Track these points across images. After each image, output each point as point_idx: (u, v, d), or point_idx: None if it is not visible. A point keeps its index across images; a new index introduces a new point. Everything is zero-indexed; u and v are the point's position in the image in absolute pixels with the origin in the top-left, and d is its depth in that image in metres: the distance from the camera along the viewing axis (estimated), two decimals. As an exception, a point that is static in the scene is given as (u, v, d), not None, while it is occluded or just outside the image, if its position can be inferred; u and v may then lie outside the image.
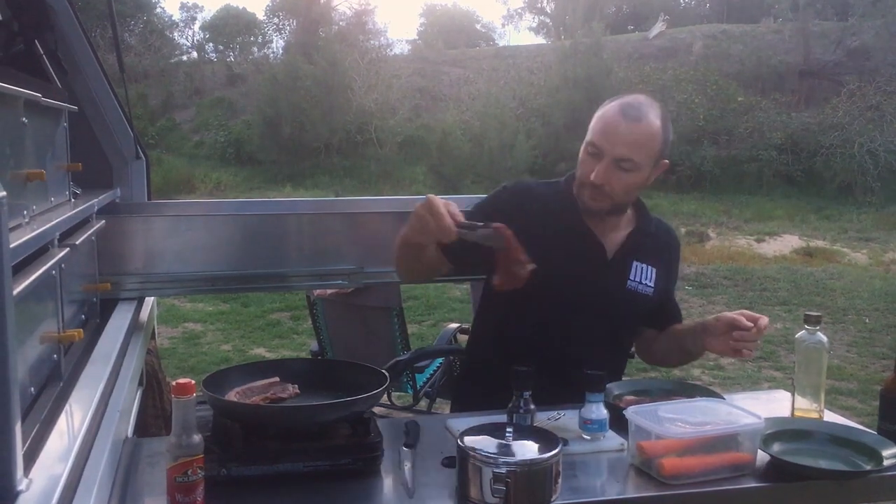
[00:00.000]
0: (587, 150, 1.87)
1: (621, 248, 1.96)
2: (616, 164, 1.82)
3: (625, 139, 1.81)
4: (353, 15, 24.17)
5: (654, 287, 1.97)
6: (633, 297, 1.95)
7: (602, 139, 1.83)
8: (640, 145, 1.83)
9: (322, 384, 1.59)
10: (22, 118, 1.47)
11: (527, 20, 35.47)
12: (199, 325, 6.78)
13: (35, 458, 1.12)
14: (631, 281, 1.95)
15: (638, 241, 1.98)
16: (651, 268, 1.98)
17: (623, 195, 1.89)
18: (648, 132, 1.84)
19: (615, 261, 1.95)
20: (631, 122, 1.82)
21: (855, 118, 15.77)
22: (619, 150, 1.82)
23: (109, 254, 2.17)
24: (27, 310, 1.32)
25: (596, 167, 1.83)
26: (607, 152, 1.82)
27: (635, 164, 1.83)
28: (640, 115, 1.83)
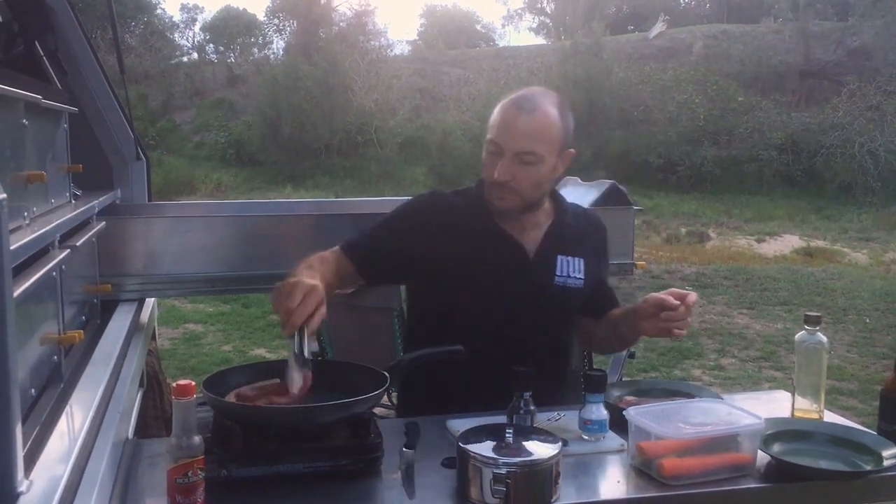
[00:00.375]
0: (488, 150, 1.84)
1: (542, 244, 1.92)
2: (518, 158, 1.79)
3: (522, 132, 1.79)
4: (354, 16, 24.17)
5: (584, 278, 1.93)
6: (563, 292, 1.91)
7: (500, 135, 1.81)
8: (538, 136, 1.80)
9: (322, 385, 1.59)
10: (22, 120, 1.47)
11: (527, 20, 35.44)
12: (200, 325, 6.79)
13: (36, 460, 1.12)
14: (559, 276, 1.91)
15: (559, 235, 1.94)
16: (578, 259, 1.94)
17: (531, 190, 1.85)
18: (546, 122, 1.81)
19: (538, 259, 1.91)
20: (527, 114, 1.79)
21: (855, 118, 15.77)
22: (519, 144, 1.79)
23: (110, 255, 2.17)
24: (28, 311, 1.33)
25: (499, 165, 1.80)
26: (507, 148, 1.79)
27: (537, 156, 1.80)
28: (535, 105, 1.81)
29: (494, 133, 1.83)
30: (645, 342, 6.25)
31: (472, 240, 1.89)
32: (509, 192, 1.83)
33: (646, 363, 5.73)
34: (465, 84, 18.89)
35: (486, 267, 1.87)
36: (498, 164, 1.80)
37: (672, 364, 5.77)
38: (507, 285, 1.88)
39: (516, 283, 1.88)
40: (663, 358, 5.89)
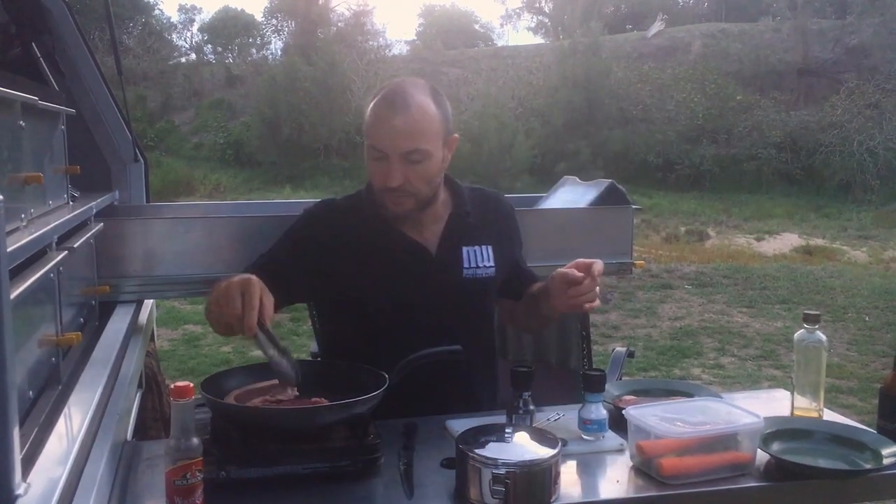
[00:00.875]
0: (371, 156, 1.75)
1: (443, 239, 1.85)
2: (405, 158, 1.71)
3: (403, 132, 1.69)
4: (352, 16, 24.17)
5: (494, 265, 1.88)
6: (473, 283, 1.85)
7: (380, 140, 1.72)
8: (420, 132, 1.71)
9: (321, 386, 1.59)
10: (19, 121, 1.47)
11: (525, 20, 35.55)
12: (199, 326, 6.78)
13: (33, 462, 1.12)
14: (466, 269, 1.85)
15: (459, 226, 1.87)
16: (485, 247, 1.88)
17: (425, 188, 1.77)
18: (424, 116, 1.72)
19: (442, 255, 1.84)
20: (402, 113, 1.69)
21: (854, 116, 15.78)
22: (403, 145, 1.70)
23: (108, 256, 2.17)
24: (25, 313, 1.32)
25: (387, 170, 1.71)
26: (391, 151, 1.70)
27: (424, 152, 1.71)
28: (408, 101, 1.71)
29: (374, 138, 1.74)
30: (644, 342, 6.26)
31: (371, 246, 1.82)
32: (403, 195, 1.75)
33: (645, 362, 5.73)
34: (463, 84, 18.89)
35: (389, 272, 1.81)
36: (386, 170, 1.72)
37: (671, 363, 5.77)
38: (415, 287, 1.81)
39: (423, 283, 1.82)
40: (663, 357, 5.90)
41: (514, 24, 38.89)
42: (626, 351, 3.38)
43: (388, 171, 1.72)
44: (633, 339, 6.35)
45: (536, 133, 15.92)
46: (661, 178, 15.88)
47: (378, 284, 1.80)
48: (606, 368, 3.33)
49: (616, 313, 7.10)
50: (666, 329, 6.67)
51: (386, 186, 1.74)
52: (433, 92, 1.79)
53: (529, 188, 11.60)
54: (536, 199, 2.87)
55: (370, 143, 1.75)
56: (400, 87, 1.76)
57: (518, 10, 33.98)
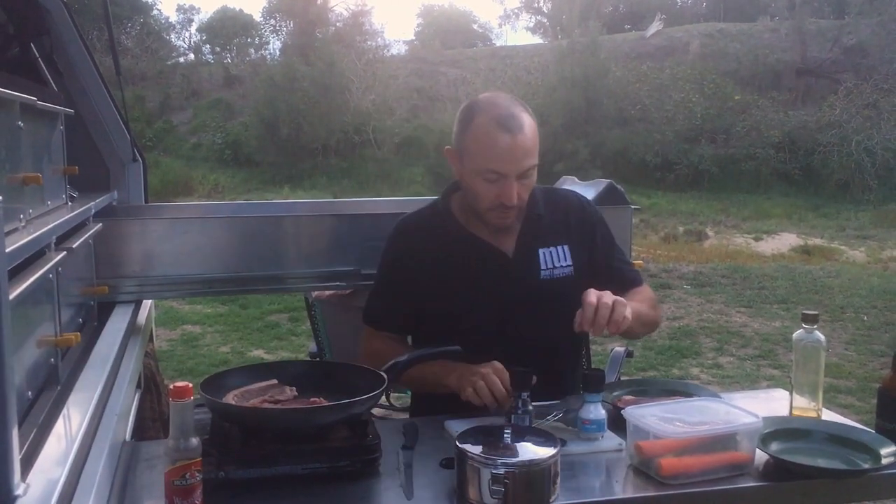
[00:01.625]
0: (485, 178, 1.78)
1: (519, 241, 1.90)
2: (521, 176, 1.78)
3: (522, 153, 1.76)
4: (350, 16, 24.15)
5: (572, 265, 1.91)
6: (551, 284, 1.89)
7: (503, 165, 1.76)
8: (531, 149, 1.79)
9: (320, 386, 1.59)
10: (18, 122, 1.47)
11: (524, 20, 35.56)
12: (198, 327, 6.78)
13: (32, 463, 1.12)
14: (544, 270, 1.89)
15: (533, 228, 1.91)
16: (561, 247, 1.91)
17: (527, 197, 1.85)
18: (533, 134, 1.79)
19: (519, 257, 1.89)
20: (519, 134, 1.76)
21: (852, 116, 15.79)
22: (522, 166, 1.77)
23: (107, 257, 2.17)
24: (24, 314, 1.32)
25: (505, 191, 1.76)
26: (512, 172, 1.76)
27: (534, 166, 1.80)
28: (521, 122, 1.77)
29: (493, 163, 1.76)
30: (643, 341, 6.25)
31: (453, 257, 1.88)
32: (513, 210, 1.82)
33: (644, 362, 5.73)
34: (462, 84, 18.88)
35: (474, 279, 1.87)
36: (502, 189, 1.77)
37: (670, 363, 5.77)
38: (494, 289, 1.86)
39: (502, 285, 1.87)
40: (661, 357, 5.90)
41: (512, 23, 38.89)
42: (624, 351, 3.38)
43: (506, 191, 1.76)
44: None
45: (535, 133, 15.90)
46: (660, 178, 15.88)
47: (462, 291, 1.86)
48: (605, 368, 3.33)
49: (615, 313, 7.09)
50: (664, 329, 6.67)
51: (503, 205, 1.79)
52: (525, 106, 1.85)
53: (528, 188, 11.59)
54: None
55: (489, 168, 1.77)
56: (508, 111, 1.79)
57: (516, 10, 34.01)
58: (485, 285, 1.87)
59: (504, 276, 1.88)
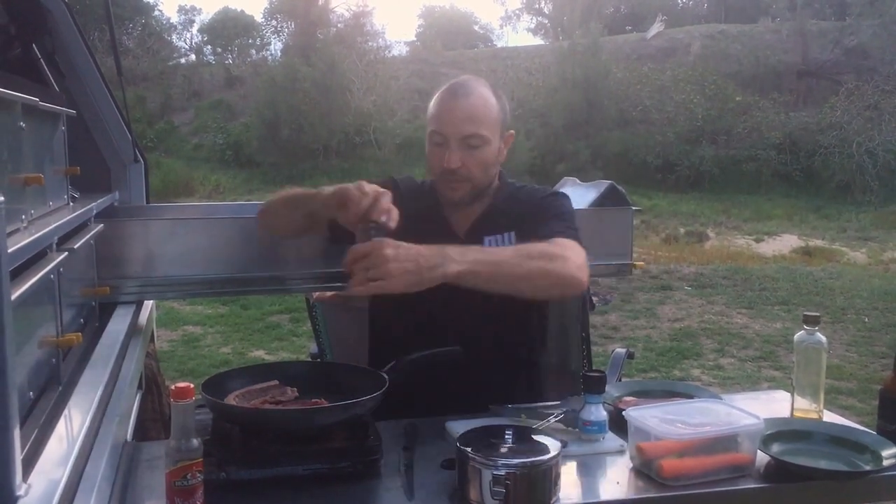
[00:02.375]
0: (432, 141, 1.85)
1: (472, 227, 1.92)
2: (464, 143, 1.80)
3: (463, 116, 1.80)
4: (352, 17, 24.17)
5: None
6: None
7: (442, 124, 1.82)
8: (480, 118, 1.81)
9: (321, 387, 1.59)
10: (20, 123, 1.47)
11: (525, 21, 35.52)
12: (199, 327, 6.78)
13: (34, 463, 1.12)
14: None
15: (488, 217, 1.92)
16: (507, 234, 1.90)
17: (481, 174, 1.85)
18: (483, 103, 1.82)
19: (468, 241, 1.83)
20: (464, 98, 1.81)
21: (853, 117, 15.79)
22: (463, 129, 1.79)
23: (108, 257, 2.16)
24: (26, 314, 1.32)
25: (447, 154, 1.80)
26: (452, 134, 1.80)
27: (483, 137, 1.81)
28: (470, 90, 1.82)
29: (436, 123, 1.83)
30: (644, 343, 6.26)
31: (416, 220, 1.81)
32: (460, 180, 1.83)
33: (645, 363, 5.74)
34: (462, 85, 18.87)
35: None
36: (446, 154, 1.80)
37: (671, 364, 5.77)
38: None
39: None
40: (663, 358, 5.90)
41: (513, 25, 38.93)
42: (625, 352, 3.38)
43: (448, 155, 1.80)
44: (632, 340, 6.35)
45: (536, 134, 15.93)
46: (661, 179, 15.89)
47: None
48: (606, 370, 3.33)
49: (616, 314, 7.11)
50: (665, 330, 6.67)
51: (444, 169, 1.82)
52: (494, 88, 1.90)
53: (529, 189, 11.59)
54: (536, 201, 2.87)
55: (432, 129, 1.85)
56: (464, 79, 1.88)
57: (517, 12, 33.98)
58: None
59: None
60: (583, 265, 1.70)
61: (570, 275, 1.66)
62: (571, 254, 1.69)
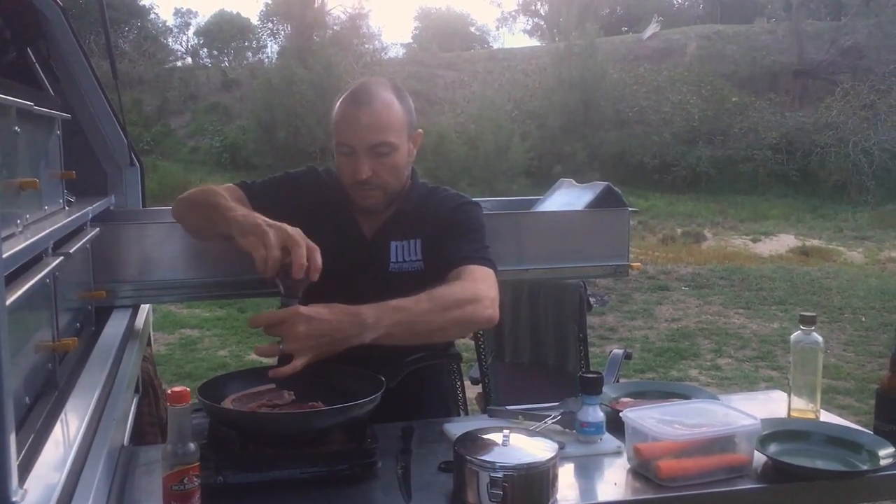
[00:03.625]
0: (340, 152, 1.81)
1: (378, 231, 1.89)
2: (372, 151, 1.77)
3: (368, 125, 1.76)
4: (348, 19, 24.15)
5: (422, 258, 1.87)
6: (399, 277, 1.85)
7: (348, 135, 1.78)
8: (385, 125, 1.77)
9: (318, 390, 1.59)
10: (15, 127, 1.46)
11: (521, 23, 35.42)
12: (196, 330, 6.78)
13: (30, 468, 1.12)
14: (393, 263, 1.86)
15: (395, 221, 1.89)
16: (414, 241, 1.88)
17: (393, 180, 1.83)
18: (387, 109, 1.79)
19: (374, 245, 1.88)
20: (366, 107, 1.77)
21: (849, 117, 15.82)
22: (370, 138, 1.76)
23: (104, 261, 2.16)
24: (21, 319, 1.32)
25: (356, 164, 1.77)
26: (358, 144, 1.77)
27: (391, 144, 1.78)
28: (372, 96, 1.79)
29: (341, 135, 1.80)
30: (641, 343, 6.26)
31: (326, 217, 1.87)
32: (372, 189, 1.80)
33: (642, 364, 5.74)
34: (459, 87, 18.90)
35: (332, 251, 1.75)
36: (355, 164, 1.78)
37: (669, 364, 5.78)
38: (348, 271, 1.81)
39: (355, 269, 1.84)
40: (660, 359, 5.90)
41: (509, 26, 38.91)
42: (623, 353, 3.39)
43: (357, 165, 1.77)
44: (630, 340, 6.36)
45: (532, 135, 15.91)
46: (658, 180, 15.90)
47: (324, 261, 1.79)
48: (604, 370, 3.33)
49: (613, 315, 7.11)
50: (663, 331, 6.67)
51: (355, 180, 1.79)
52: (395, 88, 1.85)
53: (526, 190, 11.62)
54: (533, 202, 2.87)
55: (339, 140, 1.80)
56: (363, 85, 1.83)
57: (514, 13, 33.98)
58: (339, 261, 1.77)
59: (357, 259, 1.85)
60: (494, 300, 1.71)
61: (483, 318, 1.68)
62: (483, 289, 1.71)
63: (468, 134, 14.71)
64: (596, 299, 7.35)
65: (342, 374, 1.64)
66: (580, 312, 2.93)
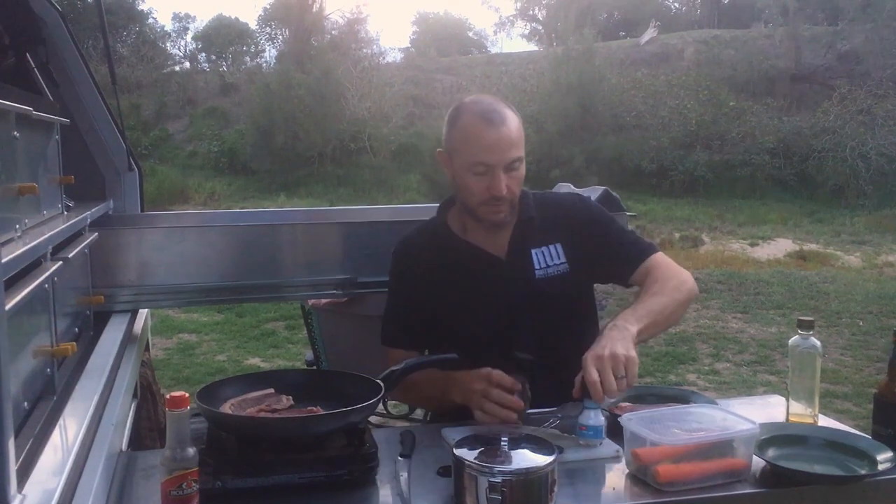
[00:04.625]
0: (475, 172, 1.83)
1: (511, 244, 1.93)
2: (508, 168, 1.82)
3: (507, 144, 1.81)
4: (346, 24, 24.20)
5: (566, 261, 1.93)
6: (547, 283, 1.90)
7: (489, 156, 1.80)
8: (517, 141, 1.84)
9: (317, 395, 1.59)
10: (13, 132, 1.47)
11: (519, 27, 35.55)
12: (194, 335, 6.77)
13: (29, 473, 1.12)
14: (538, 270, 1.91)
15: (525, 230, 1.94)
16: (554, 245, 1.93)
17: (518, 192, 1.89)
18: (516, 126, 1.85)
19: (511, 259, 1.92)
20: (503, 126, 1.81)
21: (846, 122, 15.83)
22: (508, 156, 1.81)
23: (103, 266, 2.16)
24: (20, 324, 1.32)
25: (493, 182, 1.81)
26: (499, 163, 1.81)
27: (521, 159, 1.85)
28: (503, 115, 1.83)
29: (480, 155, 1.81)
30: (640, 347, 6.24)
31: (449, 265, 1.92)
32: (504, 203, 1.85)
33: (641, 369, 5.67)
34: (457, 91, 18.90)
35: (468, 282, 1.90)
36: (491, 182, 1.81)
37: (667, 369, 5.78)
38: (491, 291, 1.89)
39: (497, 286, 1.89)
40: (658, 363, 5.90)
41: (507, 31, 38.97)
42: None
43: (495, 182, 1.81)
44: (628, 345, 6.34)
45: (530, 140, 15.85)
46: (655, 185, 15.90)
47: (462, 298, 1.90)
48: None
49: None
50: (661, 335, 6.67)
51: (492, 197, 1.83)
52: (507, 103, 1.91)
53: (524, 195, 11.58)
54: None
55: (477, 160, 1.82)
56: (489, 104, 1.86)
57: (511, 18, 34.06)
58: (482, 289, 1.90)
59: (499, 278, 1.90)
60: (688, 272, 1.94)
61: (696, 292, 1.93)
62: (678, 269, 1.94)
63: (466, 138, 14.67)
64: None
65: (340, 378, 1.64)
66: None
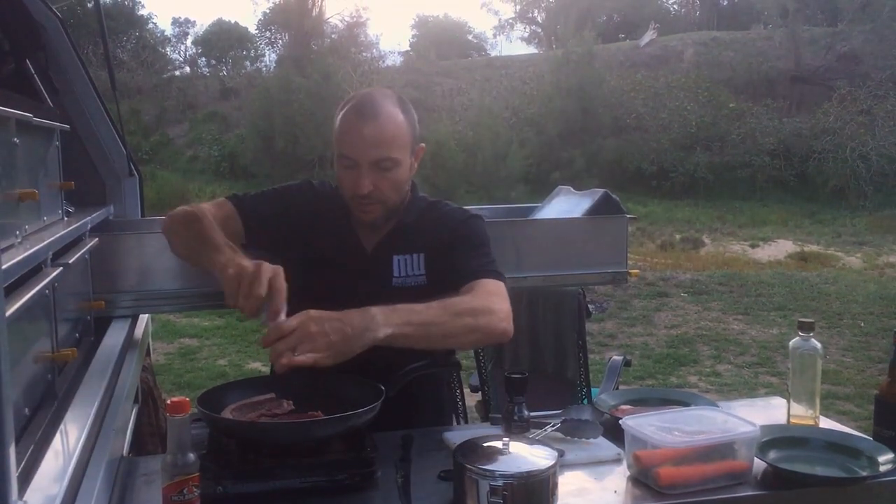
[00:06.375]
0: (342, 164, 1.78)
1: (379, 245, 1.87)
2: (375, 166, 1.74)
3: (372, 140, 1.72)
4: (346, 27, 24.21)
5: (425, 274, 1.85)
6: (402, 292, 1.79)
7: (352, 150, 1.74)
8: (389, 140, 1.74)
9: (318, 399, 1.59)
10: (14, 138, 1.47)
11: (518, 30, 35.51)
12: (195, 340, 6.77)
13: (30, 480, 1.12)
14: (396, 277, 1.85)
15: (397, 234, 1.87)
16: (417, 255, 1.86)
17: (394, 195, 1.81)
18: (393, 124, 1.75)
19: (375, 260, 1.86)
20: (371, 121, 1.73)
21: (846, 123, 15.84)
22: (373, 153, 1.73)
23: (103, 272, 2.16)
24: (21, 330, 1.32)
25: (357, 178, 1.74)
26: (361, 159, 1.73)
27: (394, 160, 1.75)
28: (377, 110, 1.75)
29: (344, 147, 1.76)
30: (641, 350, 6.26)
31: (326, 230, 1.87)
32: (372, 203, 1.78)
33: (642, 371, 5.74)
34: (457, 94, 18.93)
35: (332, 264, 1.84)
36: (356, 178, 1.75)
37: (668, 371, 5.78)
38: (350, 285, 1.81)
39: (357, 283, 1.82)
40: (659, 365, 5.90)
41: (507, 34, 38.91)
42: (622, 360, 3.39)
43: (358, 179, 1.75)
44: (629, 347, 6.36)
45: (531, 142, 15.93)
46: (656, 186, 15.91)
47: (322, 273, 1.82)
48: (603, 377, 3.33)
49: (612, 322, 7.11)
50: (662, 337, 6.67)
51: (356, 194, 1.77)
52: (401, 101, 1.82)
53: (524, 197, 11.62)
54: (531, 210, 2.88)
55: (340, 152, 1.78)
56: (368, 97, 1.80)
57: (511, 21, 34.07)
58: (340, 272, 1.83)
59: (358, 271, 1.85)
60: (508, 313, 1.69)
61: (498, 330, 1.66)
62: (497, 303, 1.69)
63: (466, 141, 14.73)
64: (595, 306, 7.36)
65: (342, 383, 1.64)
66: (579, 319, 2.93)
